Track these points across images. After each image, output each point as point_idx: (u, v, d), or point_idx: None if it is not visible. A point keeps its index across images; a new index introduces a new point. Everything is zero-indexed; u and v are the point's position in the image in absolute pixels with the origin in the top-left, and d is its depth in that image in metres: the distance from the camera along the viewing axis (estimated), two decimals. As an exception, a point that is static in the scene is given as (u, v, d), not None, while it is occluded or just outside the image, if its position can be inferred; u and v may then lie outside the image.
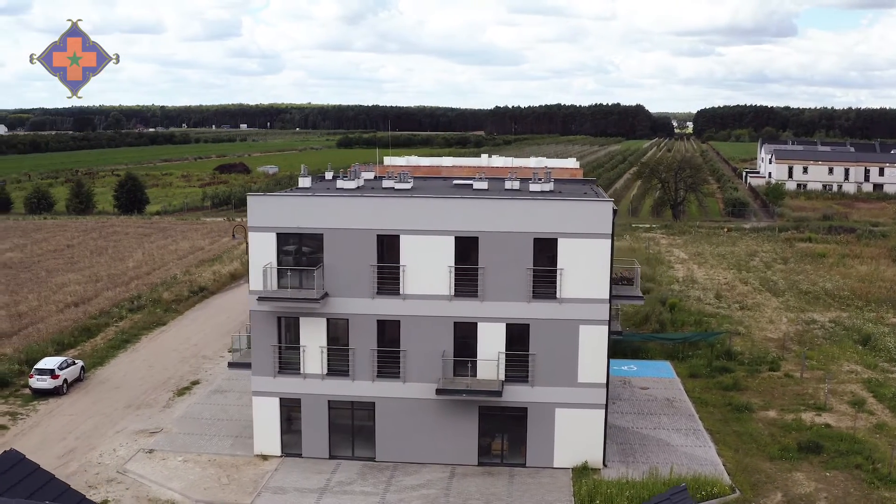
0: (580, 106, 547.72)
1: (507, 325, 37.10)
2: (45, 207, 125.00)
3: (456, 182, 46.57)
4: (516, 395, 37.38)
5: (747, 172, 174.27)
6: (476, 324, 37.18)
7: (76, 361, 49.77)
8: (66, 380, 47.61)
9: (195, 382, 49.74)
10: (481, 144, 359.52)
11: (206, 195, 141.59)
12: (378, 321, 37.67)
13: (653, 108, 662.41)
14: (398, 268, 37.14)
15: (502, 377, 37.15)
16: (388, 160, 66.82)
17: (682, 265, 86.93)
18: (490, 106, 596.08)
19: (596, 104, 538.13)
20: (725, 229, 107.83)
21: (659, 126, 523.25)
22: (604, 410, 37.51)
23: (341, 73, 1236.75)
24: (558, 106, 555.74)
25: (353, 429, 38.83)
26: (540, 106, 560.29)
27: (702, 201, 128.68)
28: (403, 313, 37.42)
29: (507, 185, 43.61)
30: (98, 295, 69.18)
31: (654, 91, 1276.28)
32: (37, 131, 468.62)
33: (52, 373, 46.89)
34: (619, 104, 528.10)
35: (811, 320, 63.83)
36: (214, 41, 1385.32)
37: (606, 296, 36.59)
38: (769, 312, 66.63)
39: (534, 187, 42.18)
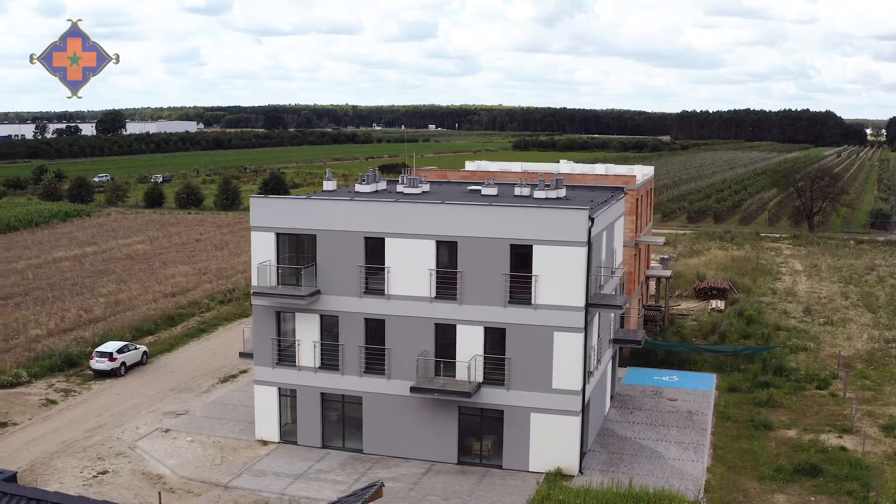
0: (768, 111, 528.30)
1: (484, 328, 37.91)
2: (194, 203, 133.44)
3: (470, 188, 47.58)
4: (493, 397, 38.13)
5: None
6: (455, 326, 38.20)
7: (138, 346, 54.02)
8: (123, 363, 51.79)
9: (243, 371, 52.86)
10: (658, 149, 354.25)
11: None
12: (365, 319, 39.35)
13: (851, 114, 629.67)
14: (383, 269, 38.68)
15: (478, 379, 37.97)
16: (468, 164, 68.33)
17: (791, 276, 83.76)
18: (687, 109, 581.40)
19: (784, 109, 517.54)
20: (852, 241, 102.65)
21: (851, 133, 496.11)
22: (579, 417, 37.63)
23: (537, 75, 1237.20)
24: (747, 111, 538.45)
25: (343, 421, 40.68)
26: (728, 111, 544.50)
27: (839, 211, 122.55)
28: (388, 313, 38.93)
29: (517, 191, 44.32)
30: (197, 287, 74.09)
31: (856, 97, 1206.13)
32: (229, 128, 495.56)
33: (109, 355, 51.19)
34: (807, 110, 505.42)
35: (893, 339, 60.49)
36: (412, 42, 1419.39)
37: (581, 303, 36.72)
38: (854, 329, 63.61)
39: (538, 194, 42.68)
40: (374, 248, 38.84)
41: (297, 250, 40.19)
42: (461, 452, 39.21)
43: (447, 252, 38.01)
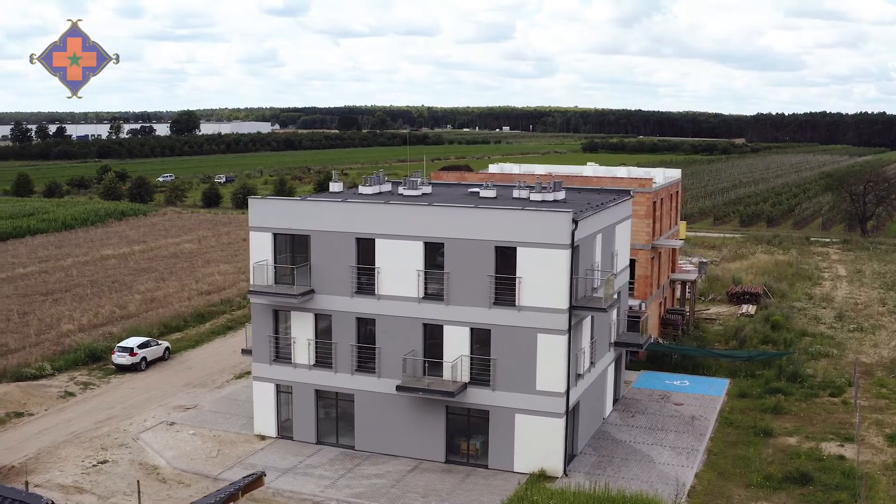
0: (844, 114, 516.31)
1: (470, 329, 38.37)
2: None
3: (470, 190, 48.02)
4: (479, 397, 38.57)
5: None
6: (442, 326, 38.74)
7: (160, 342, 55.71)
8: (144, 358, 53.49)
9: (259, 368, 54.09)
10: (728, 152, 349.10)
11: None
12: (357, 318, 40.16)
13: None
14: (374, 269, 39.43)
15: (464, 379, 38.44)
16: (491, 167, 68.89)
17: (833, 282, 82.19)
18: (768, 112, 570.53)
19: (861, 112, 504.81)
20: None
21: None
22: (563, 420, 37.79)
23: (615, 77, 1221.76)
24: (822, 114, 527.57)
25: (337, 417, 41.54)
26: (803, 113, 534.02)
27: (893, 216, 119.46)
28: (378, 312, 39.66)
29: (515, 193, 44.68)
30: (233, 285, 75.84)
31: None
32: (305, 129, 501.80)
33: (130, 351, 52.96)
34: (884, 112, 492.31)
35: (922, 347, 59.10)
36: (489, 43, 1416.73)
37: (565, 306, 36.91)
38: (883, 335, 62.28)
39: (535, 196, 42.96)
40: (365, 249, 39.61)
41: (293, 250, 41.16)
42: (449, 451, 39.71)
43: (434, 253, 38.59)
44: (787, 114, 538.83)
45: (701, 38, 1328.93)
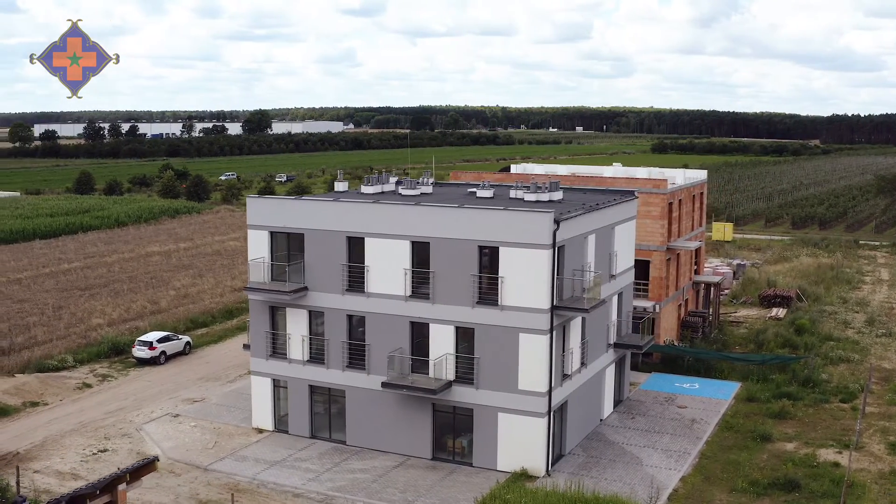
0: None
1: (455, 327, 38.80)
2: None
3: (469, 190, 48.37)
4: (463, 396, 38.97)
5: None
6: (428, 324, 39.25)
7: (180, 337, 57.29)
8: (163, 352, 55.05)
9: (274, 363, 55.22)
10: (798, 153, 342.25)
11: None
12: (347, 316, 40.91)
13: None
14: (363, 268, 40.14)
15: (448, 377, 38.88)
16: (513, 167, 69.24)
17: (872, 286, 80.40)
18: (847, 113, 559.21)
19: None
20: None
21: None
22: (545, 419, 37.96)
23: (694, 77, 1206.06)
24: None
25: (330, 412, 42.35)
26: (879, 115, 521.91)
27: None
28: (368, 310, 40.36)
29: (512, 193, 44.95)
30: (267, 282, 77.25)
31: None
32: (377, 129, 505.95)
33: (150, 345, 54.57)
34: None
35: (949, 354, 57.58)
36: (565, 43, 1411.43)
37: (546, 306, 37.09)
38: (913, 342, 60.87)
39: (529, 197, 43.17)
40: (356, 248, 40.33)
41: (289, 248, 42.10)
42: (437, 448, 40.18)
43: (421, 252, 39.11)
44: (862, 115, 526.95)
45: (780, 39, 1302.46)
